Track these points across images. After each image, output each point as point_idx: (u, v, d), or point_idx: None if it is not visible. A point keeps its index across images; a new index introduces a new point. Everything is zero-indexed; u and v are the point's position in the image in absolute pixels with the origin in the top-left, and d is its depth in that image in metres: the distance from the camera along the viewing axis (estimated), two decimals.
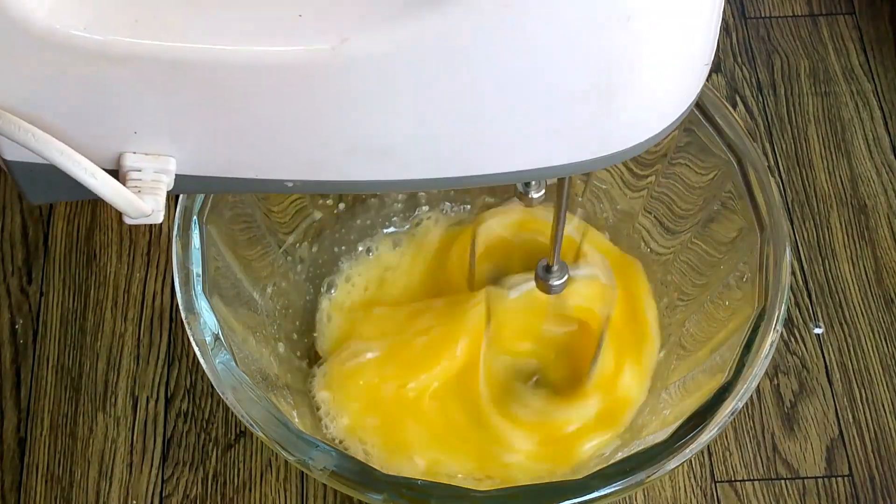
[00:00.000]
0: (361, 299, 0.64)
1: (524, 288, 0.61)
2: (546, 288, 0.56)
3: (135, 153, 0.37)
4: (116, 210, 0.37)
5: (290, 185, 0.39)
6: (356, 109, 0.37)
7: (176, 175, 0.38)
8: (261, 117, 0.37)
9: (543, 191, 0.53)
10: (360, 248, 0.65)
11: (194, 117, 0.37)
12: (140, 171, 0.37)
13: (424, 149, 0.38)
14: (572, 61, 0.36)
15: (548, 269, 0.56)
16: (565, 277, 0.56)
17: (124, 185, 0.37)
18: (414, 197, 0.66)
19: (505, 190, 0.65)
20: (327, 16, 0.35)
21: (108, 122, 0.37)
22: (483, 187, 0.65)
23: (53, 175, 0.37)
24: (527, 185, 0.54)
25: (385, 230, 0.66)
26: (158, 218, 0.37)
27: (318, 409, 0.60)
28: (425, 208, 0.67)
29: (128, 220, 0.37)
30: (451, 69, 0.35)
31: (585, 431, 0.59)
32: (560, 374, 0.62)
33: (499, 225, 0.65)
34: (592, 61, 0.36)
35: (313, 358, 0.62)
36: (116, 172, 0.37)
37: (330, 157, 0.38)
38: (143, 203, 0.37)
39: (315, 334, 0.63)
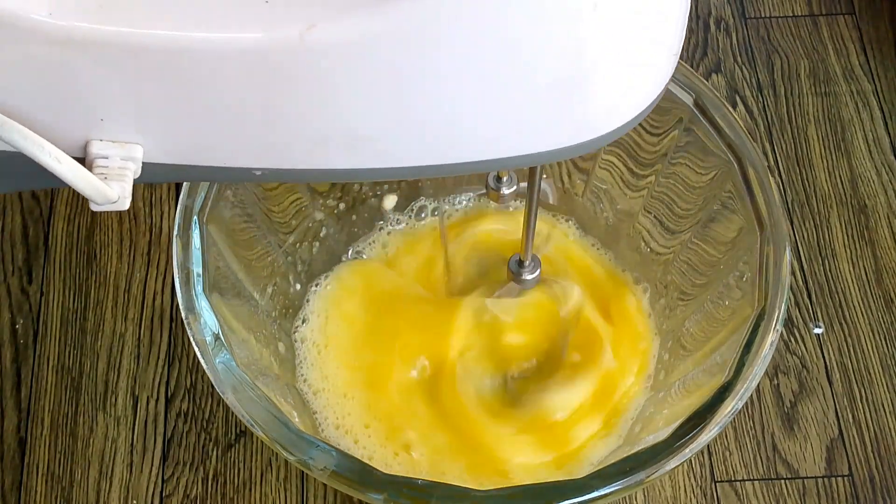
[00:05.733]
0: (353, 298, 0.64)
1: (499, 289, 0.62)
2: (520, 282, 0.57)
3: (102, 140, 0.37)
4: (116, 210, 0.37)
5: (259, 173, 0.38)
6: (324, 98, 0.36)
7: (144, 163, 0.37)
8: (227, 105, 0.36)
9: (515, 186, 0.53)
10: (357, 248, 0.66)
11: (160, 105, 0.36)
12: (107, 158, 0.37)
13: (395, 138, 0.38)
14: (543, 49, 0.35)
15: (520, 263, 0.57)
16: (538, 272, 0.57)
17: (91, 172, 0.36)
18: (410, 193, 0.66)
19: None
20: (294, 2, 0.34)
21: (74, 109, 0.36)
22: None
23: (19, 163, 0.36)
24: (498, 180, 0.53)
25: (382, 230, 0.66)
26: (125, 205, 0.37)
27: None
28: (422, 204, 0.67)
29: (94, 207, 0.37)
30: (421, 58, 0.35)
31: (579, 415, 0.59)
32: (544, 367, 0.62)
33: (472, 232, 0.65)
34: (563, 49, 0.35)
35: None
36: (84, 160, 0.37)
37: (298, 145, 0.38)
38: (109, 189, 0.36)
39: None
